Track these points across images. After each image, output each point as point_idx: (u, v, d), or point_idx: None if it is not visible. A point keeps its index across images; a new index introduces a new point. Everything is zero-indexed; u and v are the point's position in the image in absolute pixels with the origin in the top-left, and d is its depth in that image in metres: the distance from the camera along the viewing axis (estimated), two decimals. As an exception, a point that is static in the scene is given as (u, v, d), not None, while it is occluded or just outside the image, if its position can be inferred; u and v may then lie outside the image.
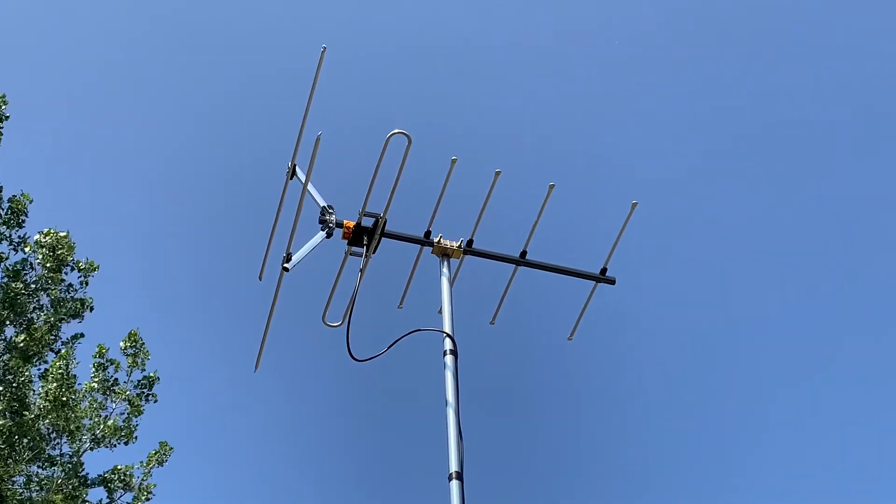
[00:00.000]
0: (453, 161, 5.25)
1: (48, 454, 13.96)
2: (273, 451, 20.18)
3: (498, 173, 5.35)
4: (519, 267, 5.57)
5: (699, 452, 18.87)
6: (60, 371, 13.86)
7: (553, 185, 5.43)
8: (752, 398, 18.92)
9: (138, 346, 15.24)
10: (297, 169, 5.25)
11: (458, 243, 5.35)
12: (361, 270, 5.09)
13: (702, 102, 18.11)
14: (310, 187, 5.14)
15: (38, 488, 13.67)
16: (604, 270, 5.63)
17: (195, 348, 21.29)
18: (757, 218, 18.33)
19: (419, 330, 4.89)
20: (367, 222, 5.20)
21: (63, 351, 14.25)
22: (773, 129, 17.86)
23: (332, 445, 19.33)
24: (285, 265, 5.01)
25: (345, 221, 5.22)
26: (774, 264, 18.42)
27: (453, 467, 4.29)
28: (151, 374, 15.24)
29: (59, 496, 13.32)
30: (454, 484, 4.23)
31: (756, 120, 17.89)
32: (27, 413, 13.53)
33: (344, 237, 5.21)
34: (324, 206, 5.23)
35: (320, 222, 5.22)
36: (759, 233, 18.33)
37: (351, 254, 5.24)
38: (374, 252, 5.22)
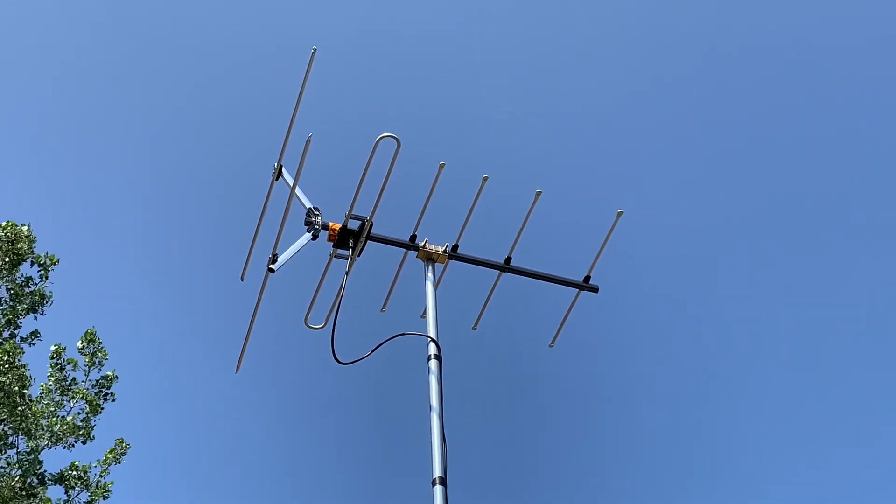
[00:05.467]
0: (441, 166, 5.26)
1: (4, 450, 13.81)
2: (253, 455, 20.08)
3: (485, 179, 5.36)
4: (503, 273, 5.58)
5: (682, 460, 18.94)
6: (8, 361, 13.72)
7: (540, 193, 5.44)
8: (738, 408, 19.02)
9: (96, 345, 15.11)
10: (284, 170, 5.24)
11: (444, 248, 5.35)
12: (346, 273, 5.08)
13: (689, 110, 18.21)
14: (296, 189, 5.13)
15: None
16: (587, 278, 5.65)
17: (174, 348, 21.17)
18: (743, 226, 18.44)
19: (404, 334, 4.89)
20: (354, 225, 5.19)
21: (8, 343, 14.10)
22: (759, 137, 17.97)
23: (314, 449, 19.26)
24: (271, 266, 4.99)
25: (331, 224, 5.21)
26: (761, 273, 18.52)
27: (437, 472, 4.28)
28: (109, 374, 15.12)
29: (12, 493, 13.17)
30: (438, 489, 4.23)
31: (743, 128, 18.00)
32: None
33: (329, 239, 5.20)
34: (310, 208, 5.22)
35: (306, 224, 5.21)
36: (745, 241, 18.44)
37: (336, 256, 5.23)
38: (359, 255, 5.21)
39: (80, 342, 15.10)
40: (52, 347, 14.85)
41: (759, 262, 18.55)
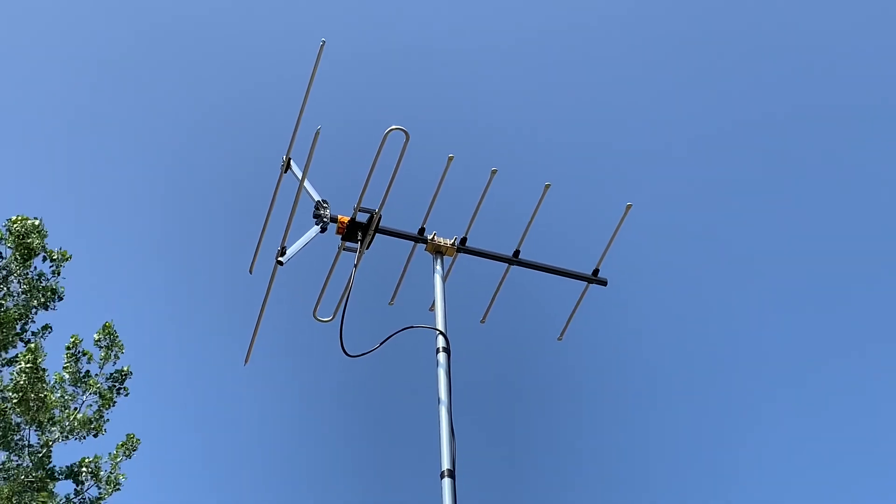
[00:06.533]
0: (450, 158, 5.25)
1: (16, 442, 13.82)
2: (262, 448, 20.13)
3: (494, 172, 5.35)
4: (512, 266, 5.57)
5: (689, 454, 18.92)
6: (29, 365, 13.72)
7: (549, 185, 5.43)
8: (745, 402, 18.98)
9: (112, 338, 15.09)
10: (293, 163, 5.23)
11: (452, 241, 5.34)
12: (355, 266, 5.08)
13: (699, 103, 18.15)
14: (305, 182, 5.13)
15: (4, 476, 13.55)
16: (596, 272, 5.64)
17: (182, 341, 21.22)
18: (751, 221, 18.38)
19: (412, 327, 4.89)
20: (362, 218, 5.18)
21: (32, 344, 14.10)
22: (771, 131, 17.92)
23: (323, 442, 19.30)
24: (280, 258, 4.99)
25: (339, 216, 5.20)
26: (769, 267, 18.47)
27: (445, 465, 4.28)
28: (124, 369, 15.09)
29: (22, 486, 13.19)
30: (446, 482, 4.23)
31: (753, 122, 17.94)
32: None
33: (338, 232, 5.20)
34: (318, 201, 5.21)
35: (314, 217, 5.20)
36: (753, 236, 18.38)
37: (345, 249, 5.23)
38: (367, 248, 5.20)
39: (96, 334, 15.09)
40: (70, 338, 14.89)
41: (769, 256, 18.49)
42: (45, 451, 13.99)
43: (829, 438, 18.82)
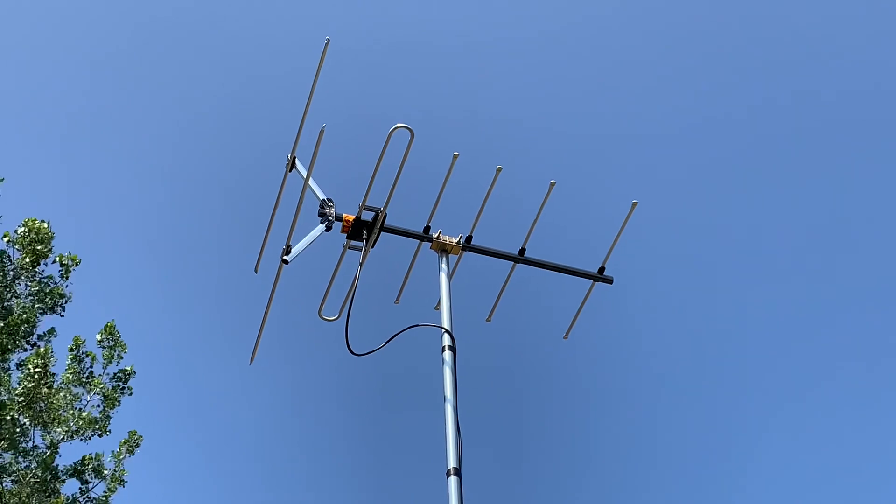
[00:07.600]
0: (455, 156, 5.24)
1: (22, 447, 13.82)
2: (267, 446, 20.15)
3: (499, 170, 5.34)
4: (517, 264, 5.56)
5: (696, 454, 18.90)
6: (38, 369, 13.72)
7: (554, 183, 5.42)
8: (750, 400, 18.95)
9: (115, 338, 15.10)
10: (298, 161, 5.23)
11: (458, 239, 5.33)
12: (360, 264, 5.08)
13: (704, 102, 18.12)
14: (310, 180, 5.12)
15: (11, 480, 13.56)
16: (602, 269, 5.63)
17: (188, 340, 21.24)
18: (758, 218, 18.35)
19: (418, 325, 4.89)
20: (367, 216, 5.18)
21: (42, 348, 14.11)
22: (775, 130, 17.88)
23: (329, 441, 19.32)
24: (285, 257, 4.99)
25: (344, 215, 5.20)
26: (774, 266, 18.43)
27: (451, 463, 4.28)
28: (127, 368, 15.11)
29: (29, 489, 13.19)
30: (452, 480, 4.23)
31: (758, 120, 17.91)
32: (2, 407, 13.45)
33: (343, 231, 5.20)
34: (323, 199, 5.21)
35: (319, 215, 5.20)
36: (759, 233, 18.35)
37: (350, 247, 5.22)
38: (373, 246, 5.20)
39: (99, 335, 15.11)
40: (73, 339, 14.90)
41: (778, 253, 18.46)
42: (50, 451, 13.99)
43: (837, 440, 18.80)
